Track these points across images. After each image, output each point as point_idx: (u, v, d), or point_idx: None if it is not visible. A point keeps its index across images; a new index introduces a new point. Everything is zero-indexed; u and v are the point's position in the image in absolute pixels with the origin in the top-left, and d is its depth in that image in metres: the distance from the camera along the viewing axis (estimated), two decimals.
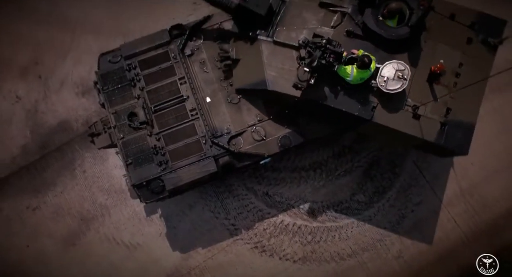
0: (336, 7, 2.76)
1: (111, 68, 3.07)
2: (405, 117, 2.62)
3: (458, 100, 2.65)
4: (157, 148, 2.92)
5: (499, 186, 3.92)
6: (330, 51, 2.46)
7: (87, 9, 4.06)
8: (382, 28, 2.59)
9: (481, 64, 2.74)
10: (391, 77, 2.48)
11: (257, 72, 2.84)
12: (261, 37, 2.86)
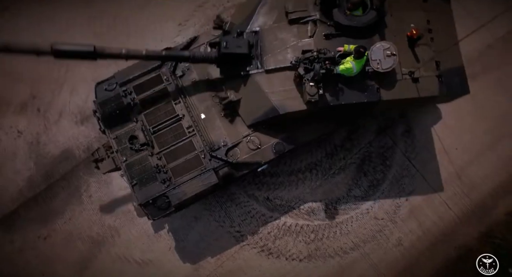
0: (305, 18, 3.04)
1: (108, 96, 3.29)
2: (406, 85, 2.96)
3: (439, 51, 3.02)
4: (160, 167, 3.15)
5: (484, 167, 4.24)
6: (324, 59, 2.77)
7: (78, 39, 4.25)
8: (353, 20, 2.92)
9: (443, 14, 3.15)
10: (381, 57, 2.77)
11: (263, 103, 3.06)
12: (253, 72, 3.06)
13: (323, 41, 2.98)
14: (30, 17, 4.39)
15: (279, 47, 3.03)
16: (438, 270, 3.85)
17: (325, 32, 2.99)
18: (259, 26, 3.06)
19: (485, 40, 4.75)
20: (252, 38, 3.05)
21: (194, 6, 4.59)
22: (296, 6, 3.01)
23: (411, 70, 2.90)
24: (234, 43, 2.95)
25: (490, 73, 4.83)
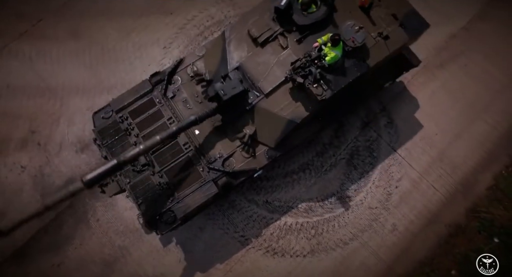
0: (272, 36, 3.39)
1: (105, 124, 3.59)
2: (382, 45, 3.41)
3: (390, 6, 3.50)
4: (162, 184, 3.43)
5: (462, 147, 4.68)
6: (312, 60, 3.14)
7: (70, 74, 4.65)
8: (312, 17, 3.35)
9: None
10: (353, 34, 3.23)
11: (277, 122, 3.37)
12: (256, 101, 3.37)
13: (298, 47, 3.38)
14: (22, 55, 4.68)
15: (265, 70, 3.37)
16: (432, 248, 4.19)
17: (295, 39, 3.39)
18: (237, 62, 3.40)
19: (449, 30, 5.30)
20: (238, 75, 3.36)
21: (176, 28, 4.97)
22: (259, 29, 3.39)
23: (378, 31, 3.40)
24: (228, 87, 3.22)
25: (457, 60, 5.34)
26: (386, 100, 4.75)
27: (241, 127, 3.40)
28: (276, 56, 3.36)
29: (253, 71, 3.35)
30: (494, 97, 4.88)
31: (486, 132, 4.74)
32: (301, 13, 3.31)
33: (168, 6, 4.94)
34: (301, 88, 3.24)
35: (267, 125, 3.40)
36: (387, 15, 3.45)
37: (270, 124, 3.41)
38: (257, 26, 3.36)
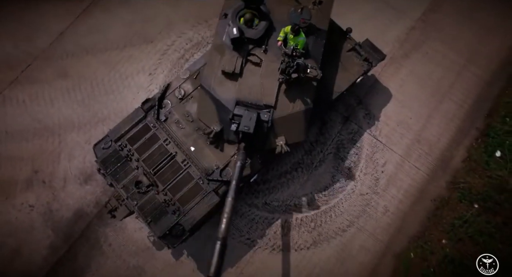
0: (243, 61, 3.69)
1: (106, 153, 3.97)
2: (320, 10, 3.97)
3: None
4: (167, 201, 3.82)
5: (435, 126, 5.30)
6: (292, 56, 3.38)
7: (64, 112, 5.05)
8: (261, 28, 3.72)
9: None
10: (300, 16, 3.57)
11: (297, 118, 3.65)
12: (270, 117, 3.55)
13: (268, 55, 3.76)
14: (15, 101, 5.02)
15: (259, 89, 3.69)
16: (422, 222, 4.73)
17: (261, 51, 3.77)
18: (233, 99, 3.68)
19: (408, 24, 5.99)
20: (241, 108, 3.64)
21: (158, 55, 5.46)
22: (229, 64, 3.69)
23: (312, 2, 3.93)
24: (245, 122, 3.48)
25: (419, 49, 6.04)
26: (361, 94, 5.34)
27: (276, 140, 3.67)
28: (258, 73, 3.76)
29: (250, 96, 3.67)
30: (456, 77, 5.56)
31: (454, 110, 5.39)
32: (250, 29, 3.75)
33: (148, 36, 5.45)
34: (293, 83, 3.55)
35: (291, 126, 3.73)
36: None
37: (293, 124, 3.75)
38: (226, 63, 3.71)
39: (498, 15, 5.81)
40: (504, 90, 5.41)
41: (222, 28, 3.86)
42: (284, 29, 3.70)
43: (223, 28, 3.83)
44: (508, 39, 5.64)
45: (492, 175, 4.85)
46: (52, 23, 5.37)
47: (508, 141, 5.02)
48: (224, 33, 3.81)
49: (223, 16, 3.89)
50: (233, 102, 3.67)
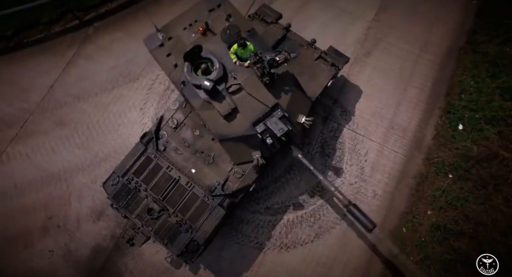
0: (224, 101, 4.17)
1: (116, 189, 4.57)
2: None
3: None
4: (179, 221, 4.43)
5: (404, 112, 6.14)
6: (257, 61, 3.97)
7: (67, 158, 5.65)
8: (220, 69, 4.17)
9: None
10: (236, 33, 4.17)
11: (304, 102, 4.31)
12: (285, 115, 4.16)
13: (241, 78, 4.24)
14: (19, 156, 5.57)
15: (255, 104, 4.12)
16: (408, 199, 5.53)
17: (231, 84, 4.19)
18: (249, 127, 4.12)
19: (364, 25, 6.96)
20: (261, 125, 4.04)
21: (145, 90, 6.17)
22: (221, 110, 4.12)
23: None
24: (276, 129, 3.94)
25: (378, 46, 7.00)
26: (335, 94, 6.19)
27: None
28: (243, 96, 4.28)
29: (257, 112, 4.13)
30: (413, 66, 6.50)
31: (417, 95, 6.30)
32: (212, 73, 4.24)
33: (132, 75, 6.16)
34: (274, 80, 4.11)
35: (298, 106, 4.28)
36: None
37: (300, 107, 4.35)
38: (221, 109, 4.16)
39: (437, 7, 6.89)
40: (455, 70, 6.39)
41: (190, 93, 4.31)
42: (232, 51, 4.28)
43: (192, 92, 4.29)
44: (450, 25, 6.68)
45: (458, 146, 5.74)
46: (41, 78, 6.03)
47: (467, 115, 5.95)
48: (196, 95, 4.27)
49: (181, 84, 4.36)
50: (251, 127, 4.17)
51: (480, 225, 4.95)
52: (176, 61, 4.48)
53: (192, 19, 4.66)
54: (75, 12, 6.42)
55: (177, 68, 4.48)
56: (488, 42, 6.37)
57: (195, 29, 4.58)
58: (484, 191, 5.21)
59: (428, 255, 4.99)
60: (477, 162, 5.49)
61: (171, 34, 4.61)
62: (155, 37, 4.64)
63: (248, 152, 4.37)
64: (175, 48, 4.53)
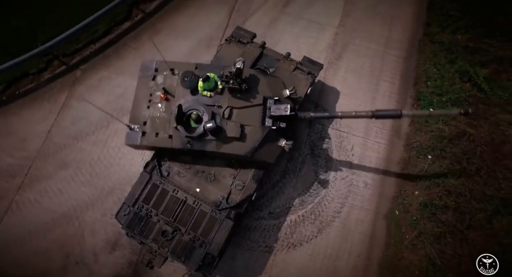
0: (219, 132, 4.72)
1: (128, 218, 5.08)
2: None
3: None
4: (192, 239, 5.00)
5: (380, 105, 6.87)
6: (226, 81, 4.54)
7: (75, 196, 6.15)
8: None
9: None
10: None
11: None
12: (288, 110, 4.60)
13: (228, 101, 4.79)
14: (28, 202, 5.98)
15: (253, 114, 4.62)
16: (396, 183, 6.31)
17: (225, 112, 4.74)
18: (263, 127, 4.72)
19: (332, 31, 7.81)
20: (270, 120, 4.63)
21: None
22: (231, 131, 4.57)
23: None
24: (280, 110, 4.48)
25: (347, 49, 7.83)
26: (316, 99, 6.97)
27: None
28: (237, 113, 4.76)
29: (256, 117, 4.65)
30: (382, 62, 7.41)
31: (389, 88, 7.18)
32: (205, 114, 4.74)
33: (125, 108, 6.67)
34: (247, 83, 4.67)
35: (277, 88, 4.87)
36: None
37: (279, 87, 4.91)
38: (231, 131, 4.55)
39: (394, 6, 7.86)
40: (419, 61, 7.35)
41: (200, 145, 4.71)
42: (201, 90, 4.74)
43: (200, 143, 4.68)
44: (407, 21, 7.63)
45: (432, 129, 6.59)
46: (38, 126, 6.57)
47: (435, 99, 6.86)
48: (205, 142, 4.70)
49: (188, 144, 4.67)
50: (263, 127, 4.67)
51: (460, 196, 5.76)
52: (167, 133, 4.80)
53: (146, 95, 4.97)
54: (61, 58, 7.03)
55: (173, 136, 4.79)
56: (442, 32, 7.40)
57: (157, 100, 4.91)
58: (459, 166, 6.06)
59: (421, 231, 5.75)
60: (449, 141, 6.37)
61: (141, 119, 4.91)
62: (132, 134, 4.85)
63: (275, 146, 4.91)
64: (156, 126, 4.82)
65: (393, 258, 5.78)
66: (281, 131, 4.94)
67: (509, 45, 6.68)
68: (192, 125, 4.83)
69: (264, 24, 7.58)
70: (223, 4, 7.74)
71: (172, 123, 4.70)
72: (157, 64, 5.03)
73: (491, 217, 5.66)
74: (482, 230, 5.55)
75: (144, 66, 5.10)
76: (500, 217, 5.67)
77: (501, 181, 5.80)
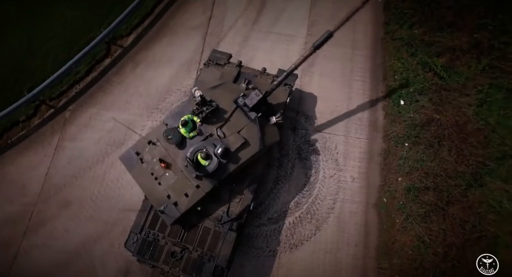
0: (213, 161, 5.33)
1: (137, 245, 5.64)
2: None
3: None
4: (200, 254, 5.56)
5: (355, 102, 7.70)
6: (195, 113, 5.16)
7: (81, 233, 6.57)
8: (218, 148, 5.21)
9: None
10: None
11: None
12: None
13: (219, 130, 5.41)
14: (36, 247, 6.35)
15: (232, 122, 5.33)
16: (380, 173, 7.08)
17: (221, 140, 5.36)
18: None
19: (301, 41, 8.51)
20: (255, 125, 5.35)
21: None
22: (232, 142, 5.21)
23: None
24: (252, 101, 5.23)
25: (318, 56, 8.48)
26: (296, 106, 7.72)
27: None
28: (226, 128, 5.34)
29: (242, 120, 5.31)
30: (351, 63, 8.19)
31: (361, 86, 8.04)
32: (213, 150, 5.20)
33: (117, 141, 7.31)
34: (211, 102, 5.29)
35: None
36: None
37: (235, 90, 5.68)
38: (232, 142, 5.17)
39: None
40: (384, 58, 8.27)
41: (218, 174, 5.16)
42: (189, 136, 5.23)
43: (218, 172, 5.13)
44: (368, 23, 8.52)
45: (405, 118, 7.45)
46: (35, 170, 7.06)
47: (403, 91, 7.76)
48: (222, 170, 5.17)
49: (214, 179, 5.10)
50: (253, 121, 5.32)
51: (437, 177, 6.58)
52: (193, 187, 5.19)
53: (149, 177, 5.34)
54: (48, 102, 7.61)
55: (200, 185, 5.23)
56: (400, 29, 8.39)
57: (161, 172, 5.29)
58: (432, 149, 6.93)
59: (408, 214, 6.51)
60: (421, 128, 7.23)
61: (163, 197, 5.20)
62: (168, 212, 5.10)
63: (271, 126, 5.64)
64: (179, 190, 5.20)
65: (388, 242, 6.48)
66: (265, 113, 5.66)
67: (456, 35, 7.71)
68: (204, 164, 5.23)
69: (238, 43, 8.39)
70: (196, 30, 8.54)
71: (190, 175, 5.19)
72: (134, 149, 5.45)
73: (465, 191, 6.50)
74: (459, 204, 6.35)
75: (125, 159, 5.48)
76: (473, 190, 6.54)
77: (469, 158, 6.69)
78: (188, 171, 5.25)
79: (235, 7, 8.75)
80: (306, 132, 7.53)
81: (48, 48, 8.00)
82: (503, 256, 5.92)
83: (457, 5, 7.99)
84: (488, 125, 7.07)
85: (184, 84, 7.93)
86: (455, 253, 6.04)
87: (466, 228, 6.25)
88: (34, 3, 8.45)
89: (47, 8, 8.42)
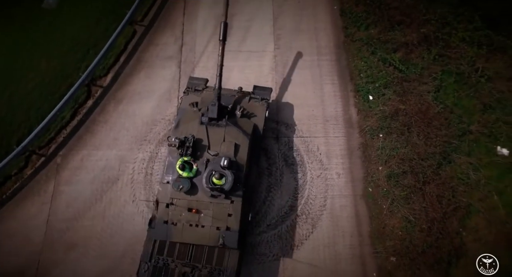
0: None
1: (149, 273, 6.23)
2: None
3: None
4: (210, 271, 6.21)
5: (329, 105, 8.68)
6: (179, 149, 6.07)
7: (91, 269, 7.07)
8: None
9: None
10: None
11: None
12: None
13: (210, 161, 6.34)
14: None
15: (215, 134, 6.30)
16: (362, 166, 8.07)
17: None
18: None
19: (270, 55, 9.50)
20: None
21: (129, 185, 7.97)
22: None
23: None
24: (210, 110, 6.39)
25: (287, 66, 9.67)
26: (275, 117, 8.65)
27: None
28: (215, 143, 6.31)
29: (220, 129, 6.35)
30: (319, 69, 9.29)
31: (332, 88, 9.10)
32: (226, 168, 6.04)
33: (112, 178, 7.97)
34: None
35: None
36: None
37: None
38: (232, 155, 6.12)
39: (313, 20, 9.93)
40: (348, 59, 9.40)
41: (235, 189, 5.89)
42: (188, 174, 5.99)
43: (234, 187, 5.86)
44: (328, 29, 9.64)
45: (376, 112, 8.51)
46: (35, 220, 7.53)
47: (370, 87, 8.88)
48: (238, 172, 6.00)
49: (239, 185, 5.93)
50: (235, 126, 6.44)
51: (412, 161, 7.66)
52: (228, 201, 5.92)
53: (187, 227, 5.94)
54: (38, 151, 8.18)
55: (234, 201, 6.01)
56: (358, 31, 9.60)
57: (194, 215, 5.93)
58: (404, 137, 8.02)
59: (393, 199, 7.49)
60: (391, 118, 8.33)
61: (216, 243, 5.86)
62: (227, 238, 5.82)
63: (242, 120, 6.69)
64: (217, 219, 5.82)
65: (379, 228, 7.39)
66: (230, 112, 6.78)
67: (406, 31, 9.00)
68: (220, 183, 5.94)
69: (211, 66, 9.23)
70: (170, 59, 9.40)
71: (220, 199, 5.75)
72: (151, 223, 6.08)
73: (437, 169, 7.59)
74: (434, 182, 7.39)
75: (158, 236, 6.02)
76: (443, 167, 7.65)
77: (435, 139, 7.82)
78: (217, 198, 5.95)
79: (203, 33, 9.73)
80: (289, 139, 8.44)
81: (30, 100, 8.61)
82: (476, 221, 7.00)
83: (402, 5, 9.39)
84: (447, 107, 8.27)
85: (167, 112, 8.73)
86: (437, 226, 7.01)
87: (443, 202, 7.28)
88: (9, 59, 9.07)
89: (23, 61, 9.02)
